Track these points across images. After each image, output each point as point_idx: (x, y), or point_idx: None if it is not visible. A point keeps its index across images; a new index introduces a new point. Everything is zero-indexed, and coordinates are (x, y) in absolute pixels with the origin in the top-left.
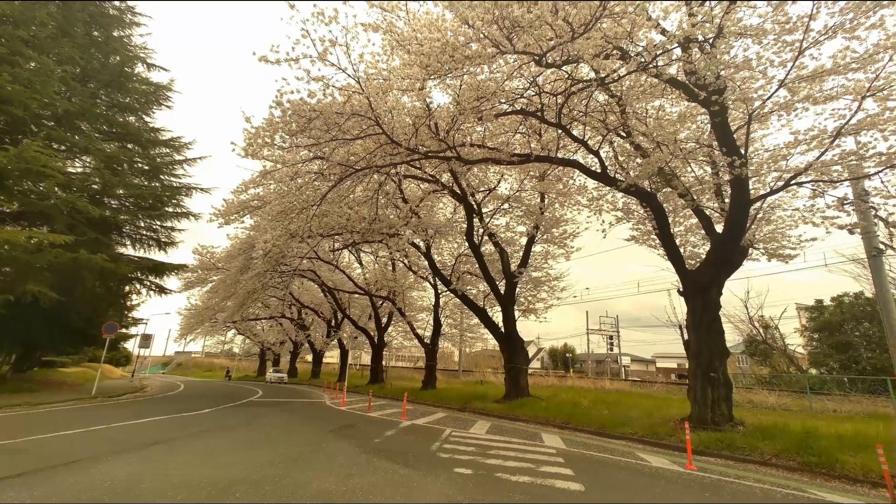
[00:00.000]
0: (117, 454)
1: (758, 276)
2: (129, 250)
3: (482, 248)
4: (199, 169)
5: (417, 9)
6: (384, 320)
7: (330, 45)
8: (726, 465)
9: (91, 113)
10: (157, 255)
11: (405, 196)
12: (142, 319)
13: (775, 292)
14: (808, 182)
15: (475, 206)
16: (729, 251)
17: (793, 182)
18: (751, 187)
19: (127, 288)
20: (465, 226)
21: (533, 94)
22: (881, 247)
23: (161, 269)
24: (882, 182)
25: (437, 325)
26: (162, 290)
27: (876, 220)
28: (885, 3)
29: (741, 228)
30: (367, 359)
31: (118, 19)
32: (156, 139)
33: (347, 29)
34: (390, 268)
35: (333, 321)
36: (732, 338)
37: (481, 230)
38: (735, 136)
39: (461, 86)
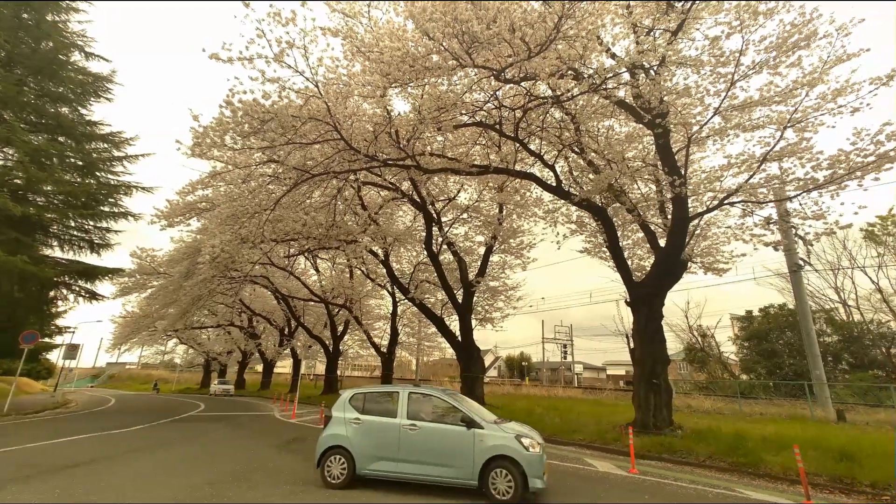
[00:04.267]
0: (28, 479)
1: (697, 288)
2: (56, 252)
3: (441, 257)
4: (142, 167)
5: (380, 17)
6: (340, 329)
7: (287, 46)
8: (666, 468)
9: (16, 101)
10: (89, 258)
11: (364, 203)
12: (69, 328)
13: (712, 303)
14: (738, 202)
15: (434, 215)
16: (671, 264)
17: (726, 202)
18: (689, 205)
19: (52, 293)
20: (424, 234)
21: (493, 107)
22: (800, 263)
23: (93, 272)
24: (800, 204)
25: (395, 333)
26: (93, 297)
27: (796, 239)
28: (802, 44)
29: (681, 243)
30: (321, 368)
31: (53, 3)
32: (92, 133)
33: (305, 32)
34: (348, 275)
35: (287, 329)
36: (674, 346)
37: (440, 239)
38: (676, 157)
39: (423, 95)
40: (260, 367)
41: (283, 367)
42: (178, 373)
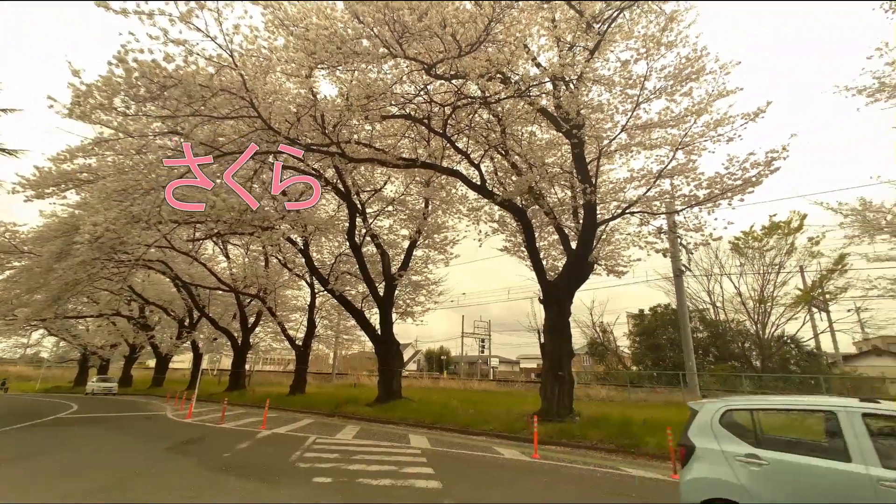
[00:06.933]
0: None
1: (600, 288)
2: None
3: (364, 249)
4: (3, 125)
5: None
6: (251, 320)
7: (196, 7)
8: (564, 452)
9: None
10: None
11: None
12: None
13: (613, 302)
14: (637, 212)
15: (359, 206)
16: (580, 265)
17: (627, 211)
18: (598, 212)
19: None
20: (347, 225)
21: (422, 101)
22: (682, 269)
23: None
24: (684, 218)
25: (312, 326)
26: None
27: (680, 248)
28: (693, 77)
29: (590, 246)
30: (228, 363)
31: None
32: None
33: None
34: (262, 263)
35: (188, 321)
36: (579, 340)
37: (364, 231)
38: (589, 167)
39: (352, 81)
40: (152, 363)
41: (182, 361)
42: (44, 369)
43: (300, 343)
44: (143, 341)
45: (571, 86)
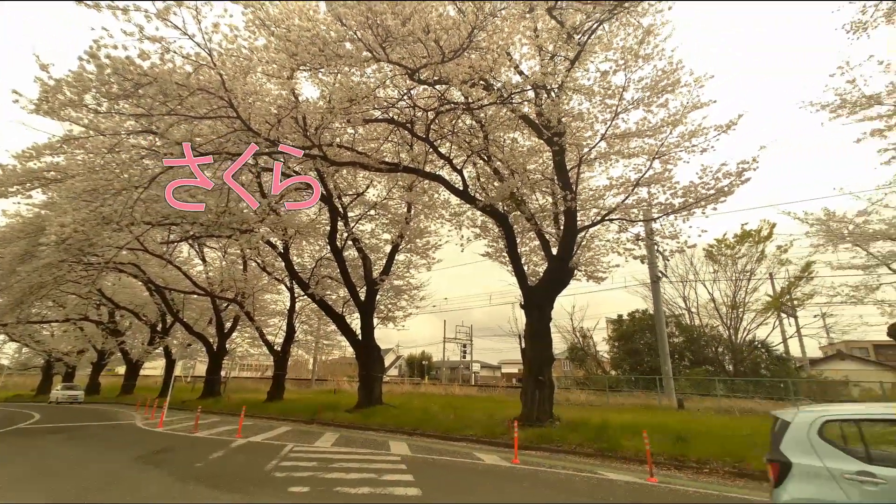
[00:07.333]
0: None
1: (580, 294)
2: None
3: (345, 253)
4: None
5: None
6: (228, 325)
7: (174, 4)
8: (544, 457)
9: None
10: None
11: (263, 190)
12: None
13: (593, 307)
14: (616, 219)
15: (341, 210)
16: (561, 271)
17: (606, 218)
18: (578, 219)
19: None
20: (328, 228)
21: (406, 105)
22: (659, 275)
23: None
24: (661, 225)
25: (291, 331)
26: None
27: (657, 254)
28: (669, 89)
29: (570, 252)
30: (203, 369)
31: None
32: None
33: None
34: (240, 267)
35: (160, 325)
36: (560, 346)
37: (345, 234)
38: (569, 174)
39: (335, 84)
40: (122, 370)
41: (154, 368)
42: (4, 377)
43: (279, 348)
44: (113, 347)
45: (553, 94)
